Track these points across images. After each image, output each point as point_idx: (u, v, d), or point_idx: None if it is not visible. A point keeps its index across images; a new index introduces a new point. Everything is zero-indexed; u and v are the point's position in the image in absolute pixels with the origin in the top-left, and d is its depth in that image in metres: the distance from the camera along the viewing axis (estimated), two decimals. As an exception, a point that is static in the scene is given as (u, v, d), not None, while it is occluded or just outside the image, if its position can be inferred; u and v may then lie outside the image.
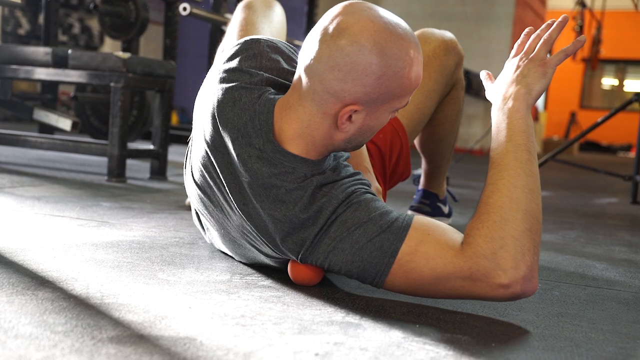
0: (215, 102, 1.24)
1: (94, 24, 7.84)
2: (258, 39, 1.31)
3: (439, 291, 1.11)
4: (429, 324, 1.06)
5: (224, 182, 1.22)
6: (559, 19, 1.22)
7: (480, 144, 8.23)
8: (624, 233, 2.34)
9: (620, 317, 1.20)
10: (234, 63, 1.27)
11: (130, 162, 3.38)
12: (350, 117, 1.14)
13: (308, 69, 1.13)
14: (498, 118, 1.19)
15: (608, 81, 14.91)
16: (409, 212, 2.12)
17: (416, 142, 2.03)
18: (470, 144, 7.42)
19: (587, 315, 1.19)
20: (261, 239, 1.20)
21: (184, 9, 3.19)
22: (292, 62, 1.31)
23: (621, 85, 14.80)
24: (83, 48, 7.73)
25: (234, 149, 1.19)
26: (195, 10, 3.26)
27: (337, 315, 1.07)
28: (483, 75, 1.30)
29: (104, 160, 3.41)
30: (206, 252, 1.48)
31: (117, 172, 2.73)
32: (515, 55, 1.24)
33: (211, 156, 1.23)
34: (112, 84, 2.73)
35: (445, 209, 2.17)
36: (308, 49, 1.13)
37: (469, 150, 5.55)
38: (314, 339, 0.94)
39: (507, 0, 8.47)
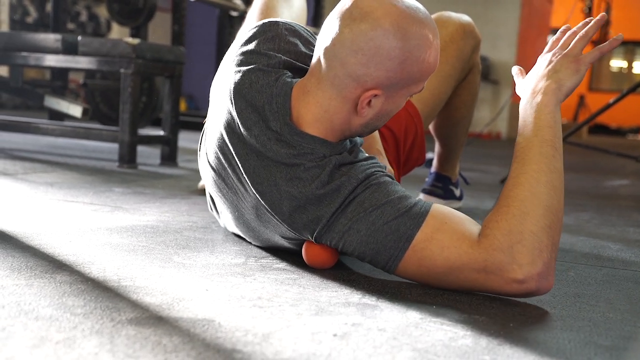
0: (232, 85, 1.23)
1: (101, 12, 7.83)
2: (276, 21, 1.30)
3: (451, 282, 1.10)
4: (445, 305, 1.06)
5: (238, 163, 1.21)
6: (597, 17, 1.19)
7: (489, 128, 8.20)
8: (637, 214, 2.33)
9: (638, 297, 1.20)
10: (251, 45, 1.26)
11: (140, 149, 3.39)
12: (369, 101, 1.14)
13: (328, 53, 1.12)
14: (525, 112, 1.17)
15: (617, 63, 14.80)
16: (421, 195, 2.12)
17: (431, 125, 2.02)
18: (479, 127, 7.39)
19: (604, 295, 1.19)
20: (276, 219, 1.20)
21: (193, -6, 3.17)
22: (310, 46, 1.30)
23: (630, 67, 14.69)
24: (91, 36, 7.72)
25: (252, 129, 1.19)
26: (203, -5, 3.25)
27: (354, 296, 1.07)
28: (515, 70, 1.28)
29: (114, 146, 3.41)
30: (220, 236, 1.48)
31: (128, 158, 2.74)
32: (549, 51, 1.22)
33: (226, 138, 1.23)
34: (122, 70, 2.73)
35: (457, 192, 2.17)
36: (328, 33, 1.12)
37: (478, 134, 5.53)
38: (331, 320, 0.94)
39: (515, -17, 8.40)
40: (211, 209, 1.52)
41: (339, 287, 1.13)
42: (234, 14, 3.86)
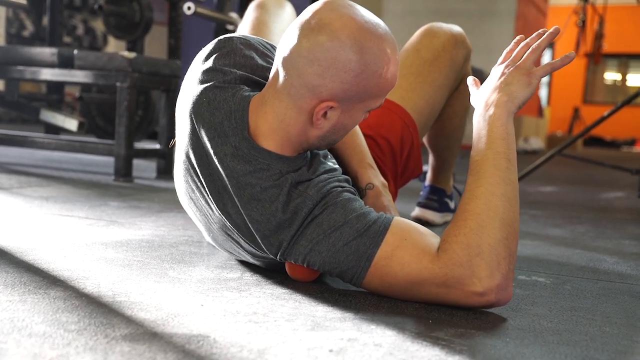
0: (191, 104, 1.23)
1: (98, 25, 7.85)
2: (231, 37, 1.30)
3: (414, 295, 1.12)
4: (442, 320, 1.05)
5: (203, 183, 1.21)
6: (551, 30, 1.21)
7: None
8: (633, 227, 2.34)
9: (634, 310, 1.20)
10: (209, 63, 1.26)
11: (136, 162, 3.38)
12: (325, 113, 1.14)
13: (286, 63, 1.12)
14: (479, 125, 1.18)
15: (611, 76, 14.87)
16: (417, 209, 2.12)
17: (424, 138, 2.03)
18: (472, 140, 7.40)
19: (600, 309, 1.19)
20: (243, 239, 1.20)
21: (188, 8, 3.18)
22: (267, 58, 1.30)
23: (624, 79, 14.76)
24: (87, 49, 7.74)
25: (211, 148, 1.18)
26: (199, 10, 3.26)
27: (350, 311, 1.07)
28: (469, 81, 1.29)
29: (110, 160, 3.41)
30: (216, 250, 1.47)
31: (124, 171, 2.73)
32: (502, 62, 1.24)
33: (192, 158, 1.22)
34: (118, 84, 2.73)
35: (452, 205, 2.17)
36: (287, 43, 1.12)
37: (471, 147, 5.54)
38: (327, 335, 0.93)
39: (509, -4, 8.46)
40: None
41: (335, 301, 1.12)
42: (230, 27, 3.87)
